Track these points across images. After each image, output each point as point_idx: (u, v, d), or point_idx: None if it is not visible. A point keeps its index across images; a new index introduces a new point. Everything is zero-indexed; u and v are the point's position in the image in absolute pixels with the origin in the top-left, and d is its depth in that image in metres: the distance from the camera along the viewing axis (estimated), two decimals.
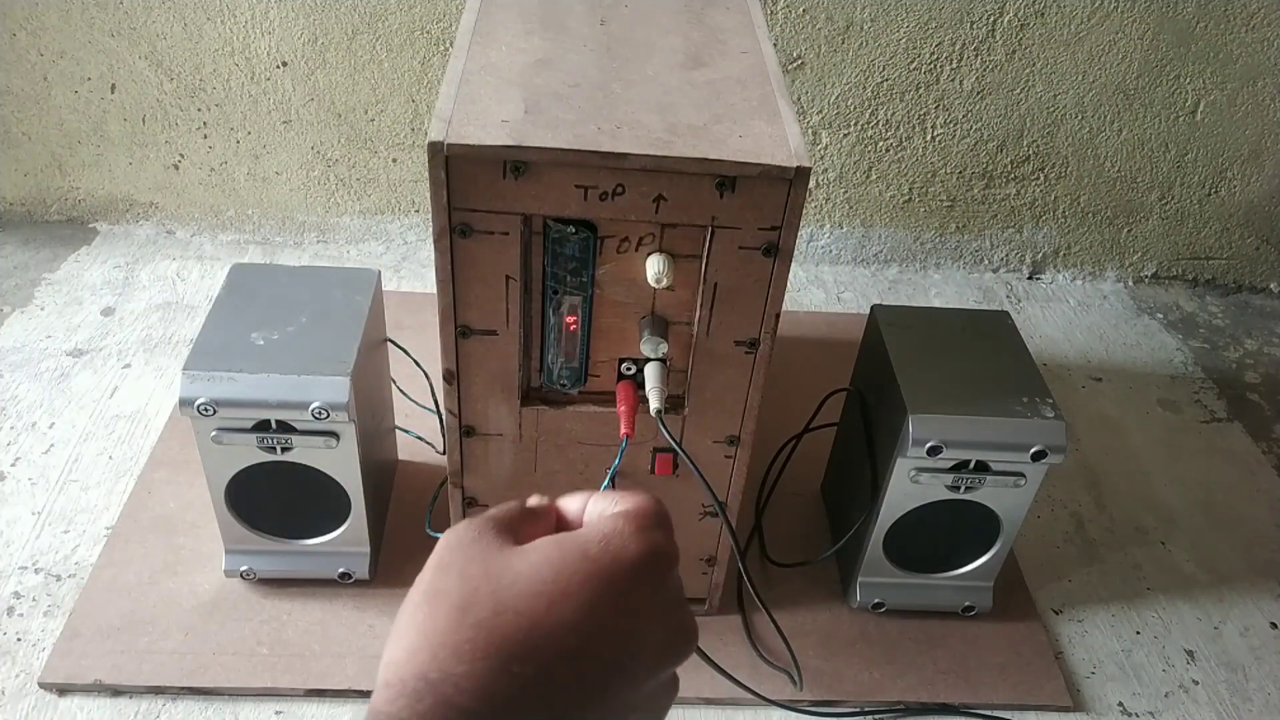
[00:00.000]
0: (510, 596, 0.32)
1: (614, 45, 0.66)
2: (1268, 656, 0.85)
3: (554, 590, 0.32)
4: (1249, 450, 1.07)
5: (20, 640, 0.76)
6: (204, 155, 1.20)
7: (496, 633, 0.31)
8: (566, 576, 0.32)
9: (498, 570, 0.33)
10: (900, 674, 0.79)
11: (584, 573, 0.33)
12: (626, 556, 0.34)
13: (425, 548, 0.36)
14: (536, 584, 0.32)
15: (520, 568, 0.33)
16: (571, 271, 0.60)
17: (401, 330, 0.85)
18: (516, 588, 0.32)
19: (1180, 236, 1.31)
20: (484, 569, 0.33)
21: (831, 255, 1.31)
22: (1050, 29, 1.13)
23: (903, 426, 0.72)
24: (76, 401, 0.99)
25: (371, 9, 1.10)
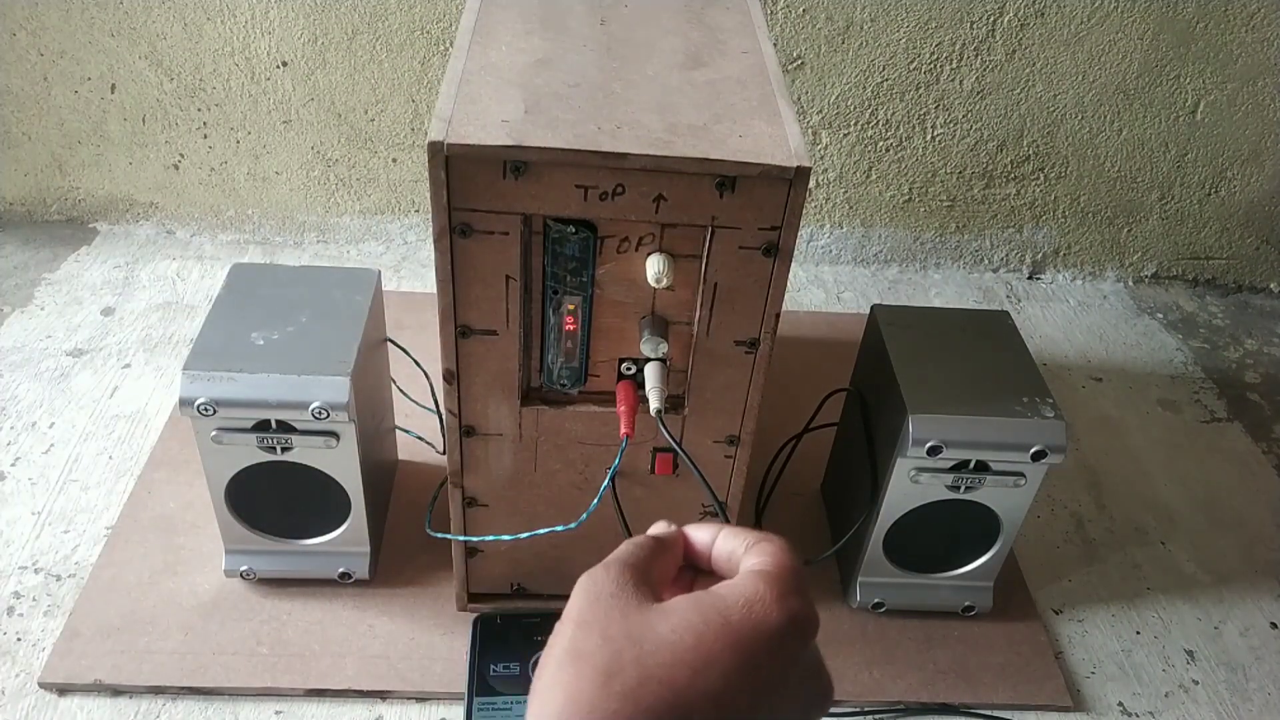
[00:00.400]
0: (653, 664, 0.32)
1: (614, 45, 0.66)
2: (1268, 656, 0.85)
3: (696, 659, 0.32)
4: (1249, 450, 1.07)
5: (20, 640, 0.76)
6: (204, 155, 1.20)
7: (642, 703, 0.31)
8: (708, 644, 0.32)
9: (639, 633, 0.33)
10: (900, 674, 0.79)
11: (725, 641, 0.33)
12: (769, 626, 0.34)
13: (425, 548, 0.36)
14: (679, 652, 0.32)
15: (662, 631, 0.33)
16: (571, 271, 0.60)
17: (401, 330, 0.85)
18: (659, 656, 0.32)
19: (1180, 236, 1.31)
20: (625, 630, 0.33)
21: (831, 255, 1.31)
22: (1050, 29, 1.13)
23: (903, 426, 0.72)
24: (76, 401, 0.99)
25: (371, 9, 1.10)
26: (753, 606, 0.34)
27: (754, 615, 0.34)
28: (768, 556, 0.36)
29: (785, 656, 0.34)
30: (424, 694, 0.75)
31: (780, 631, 0.34)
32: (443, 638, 0.78)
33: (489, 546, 0.75)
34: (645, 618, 0.34)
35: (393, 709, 0.74)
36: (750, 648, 0.33)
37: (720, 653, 0.32)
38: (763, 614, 0.34)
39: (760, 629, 0.33)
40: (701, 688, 0.32)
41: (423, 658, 0.76)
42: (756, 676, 0.33)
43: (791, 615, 0.34)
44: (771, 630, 0.34)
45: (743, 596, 0.34)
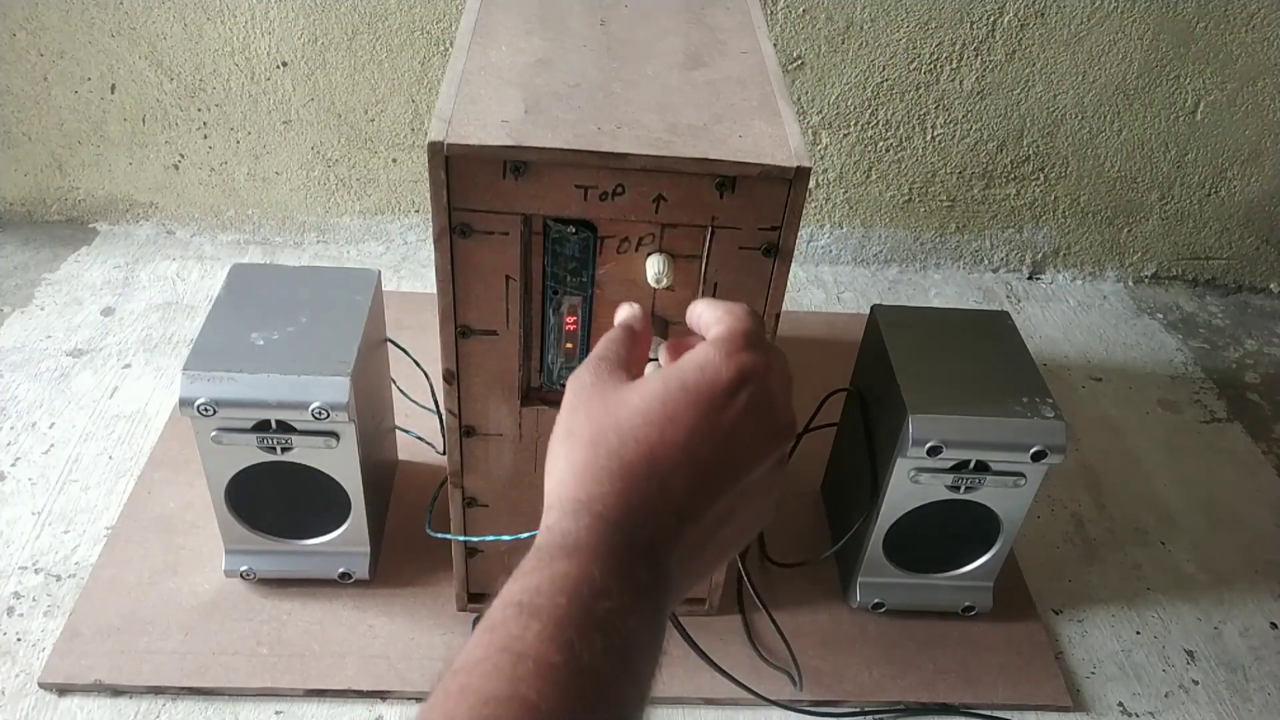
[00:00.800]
0: (628, 428, 0.40)
1: (614, 45, 0.66)
2: (1268, 656, 0.85)
3: (662, 418, 0.40)
4: (1249, 450, 1.07)
5: (20, 640, 0.76)
6: (204, 155, 1.20)
7: (625, 459, 0.39)
8: (671, 406, 0.40)
9: (615, 407, 0.41)
10: (900, 674, 0.79)
11: (685, 400, 0.40)
12: (720, 382, 0.41)
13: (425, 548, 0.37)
14: (649, 415, 0.40)
15: (634, 402, 0.41)
16: (571, 271, 0.60)
17: (401, 330, 0.85)
18: (633, 420, 0.40)
19: (1180, 236, 1.31)
20: (604, 408, 0.41)
21: (831, 255, 1.31)
22: (1050, 29, 1.13)
23: (903, 426, 0.72)
24: (76, 401, 0.99)
25: (371, 9, 1.10)
26: (704, 369, 0.41)
27: (706, 375, 0.41)
28: (723, 326, 0.44)
29: (737, 403, 0.41)
30: (424, 694, 0.74)
31: (729, 385, 0.41)
32: (443, 638, 0.78)
33: (489, 546, 0.75)
34: (620, 394, 0.41)
35: (393, 709, 0.74)
36: (706, 403, 0.40)
37: (683, 411, 0.40)
38: (714, 374, 0.41)
39: (714, 386, 0.41)
40: (670, 439, 0.39)
41: (423, 658, 0.76)
42: (716, 424, 0.40)
43: (739, 369, 0.42)
44: (723, 385, 0.41)
45: (696, 362, 0.42)
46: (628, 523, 0.37)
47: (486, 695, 0.32)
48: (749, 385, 0.42)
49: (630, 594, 0.36)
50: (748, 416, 0.41)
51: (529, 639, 0.33)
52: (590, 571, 0.35)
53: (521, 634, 0.33)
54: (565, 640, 0.33)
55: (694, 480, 0.39)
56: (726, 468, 0.40)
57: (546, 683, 0.32)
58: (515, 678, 0.32)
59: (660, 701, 0.76)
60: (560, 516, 0.38)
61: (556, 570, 0.35)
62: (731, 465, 0.41)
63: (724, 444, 0.40)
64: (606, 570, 0.36)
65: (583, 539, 0.37)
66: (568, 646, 0.33)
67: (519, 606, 0.34)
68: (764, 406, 0.42)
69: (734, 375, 0.41)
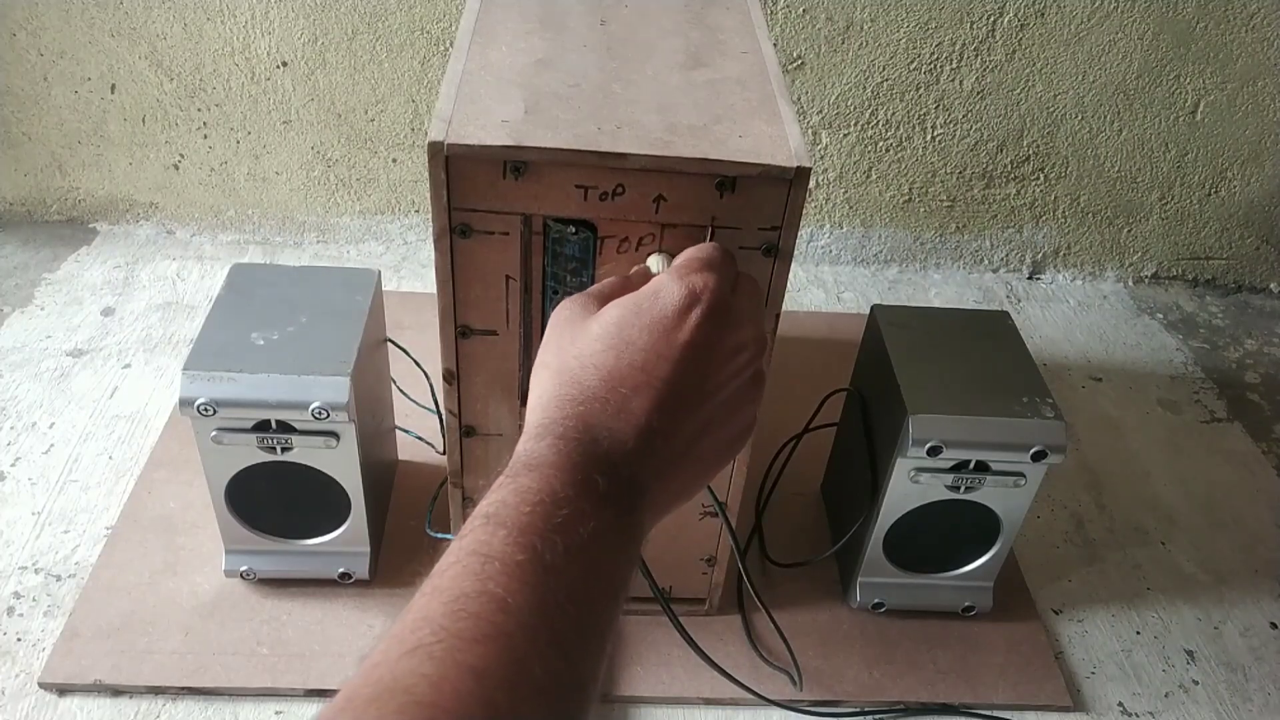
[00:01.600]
0: (588, 355, 0.43)
1: (614, 45, 0.66)
2: (1268, 656, 0.85)
3: (618, 343, 0.43)
4: (1249, 450, 1.07)
5: (20, 640, 0.76)
6: (204, 155, 1.20)
7: (585, 384, 0.42)
8: (626, 329, 0.43)
9: (578, 337, 0.44)
10: (900, 674, 0.79)
11: (639, 324, 0.43)
12: (670, 302, 0.44)
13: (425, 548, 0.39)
14: (606, 340, 0.43)
15: (594, 330, 0.44)
16: (571, 271, 0.60)
17: (401, 330, 0.85)
18: (592, 347, 0.43)
19: (1180, 236, 1.31)
20: (570, 338, 0.44)
21: (831, 255, 1.31)
22: (1050, 29, 1.13)
23: (903, 426, 0.72)
24: (76, 401, 0.99)
25: (371, 9, 1.10)
26: (658, 293, 0.44)
27: (660, 299, 0.44)
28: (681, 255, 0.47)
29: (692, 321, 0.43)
30: None
31: (682, 304, 0.44)
32: None
33: None
34: (584, 325, 0.45)
35: None
36: (659, 324, 0.43)
37: (637, 334, 0.43)
38: (666, 296, 0.44)
39: (665, 307, 0.44)
40: (627, 360, 0.42)
41: None
42: (672, 342, 0.43)
43: (690, 289, 0.44)
44: (674, 305, 0.44)
45: (651, 288, 0.45)
46: (586, 438, 0.40)
47: (457, 592, 0.34)
48: (700, 303, 0.44)
49: (590, 502, 0.38)
50: (704, 332, 0.43)
51: (495, 543, 0.36)
52: (551, 483, 0.38)
53: (489, 539, 0.36)
54: (528, 543, 0.36)
55: (656, 398, 0.42)
56: (689, 382, 0.43)
57: (512, 579, 0.35)
58: (484, 575, 0.35)
59: (660, 701, 0.76)
60: (526, 440, 0.41)
61: (520, 484, 0.38)
62: (695, 380, 0.43)
63: (683, 361, 0.43)
64: (566, 481, 0.39)
65: (545, 456, 0.40)
66: (530, 548, 0.36)
67: (486, 518, 0.37)
68: (720, 321, 0.44)
69: (684, 295, 0.44)
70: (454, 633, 0.33)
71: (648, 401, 0.42)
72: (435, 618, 0.33)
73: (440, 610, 0.33)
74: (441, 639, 0.32)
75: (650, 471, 0.41)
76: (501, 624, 0.33)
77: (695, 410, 0.43)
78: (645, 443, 0.41)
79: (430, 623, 0.33)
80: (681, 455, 0.43)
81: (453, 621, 0.33)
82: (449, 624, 0.33)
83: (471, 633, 0.33)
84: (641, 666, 0.77)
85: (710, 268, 0.46)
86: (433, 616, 0.33)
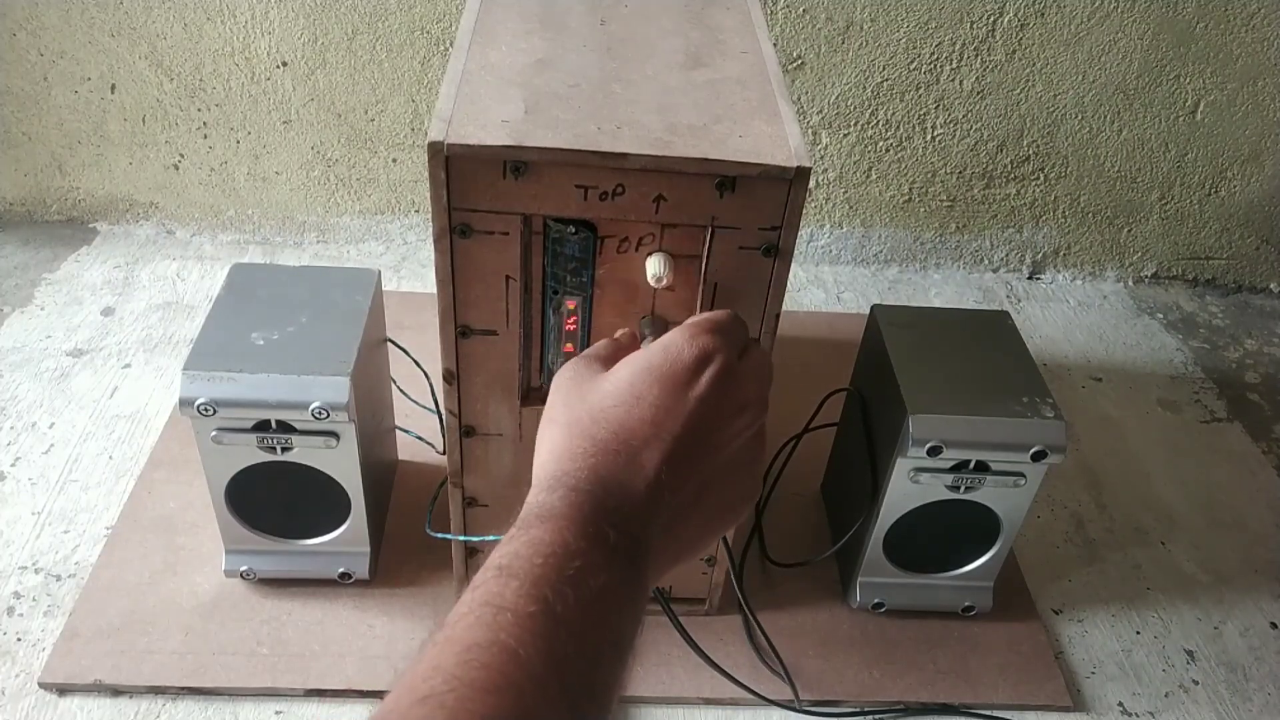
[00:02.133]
0: (599, 410, 0.44)
1: (614, 45, 0.66)
2: (1268, 656, 0.85)
3: (629, 398, 0.44)
4: (1249, 450, 1.07)
5: (20, 640, 0.76)
6: (204, 155, 1.20)
7: (597, 438, 0.43)
8: (638, 385, 0.44)
9: (589, 393, 0.45)
10: (900, 674, 0.79)
11: (650, 379, 0.44)
12: (683, 360, 0.45)
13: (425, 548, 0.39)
14: (618, 396, 0.44)
15: (606, 387, 0.45)
16: (571, 271, 0.60)
17: (401, 330, 0.85)
18: (604, 402, 0.44)
19: (1180, 236, 1.31)
20: (580, 395, 0.46)
21: (831, 255, 1.31)
22: (1050, 29, 1.13)
23: (903, 426, 0.72)
24: (76, 401, 0.99)
25: (371, 9, 1.10)
26: (669, 349, 0.45)
27: (670, 355, 0.45)
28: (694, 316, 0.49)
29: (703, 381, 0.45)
30: None
31: (693, 363, 0.45)
32: None
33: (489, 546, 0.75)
34: (594, 382, 0.46)
35: None
36: (670, 381, 0.44)
37: (648, 389, 0.44)
38: (676, 353, 0.45)
39: (676, 364, 0.45)
40: (638, 415, 0.43)
41: None
42: (682, 399, 0.44)
43: (701, 349, 0.45)
44: (686, 363, 0.45)
45: (661, 344, 0.46)
46: (599, 491, 0.41)
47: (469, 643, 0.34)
48: (712, 363, 0.45)
49: (601, 554, 0.39)
50: (713, 391, 0.45)
51: (508, 595, 0.36)
52: (564, 536, 0.39)
53: (501, 591, 0.36)
54: (540, 594, 0.36)
55: (664, 452, 0.43)
56: (696, 438, 0.44)
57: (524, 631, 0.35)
58: (496, 626, 0.35)
59: (660, 701, 0.76)
60: (538, 492, 0.42)
61: (533, 536, 0.39)
62: (702, 436, 0.44)
63: (691, 418, 0.44)
64: (578, 534, 0.39)
65: (557, 509, 0.40)
66: (542, 599, 0.36)
67: (499, 569, 0.38)
68: (728, 381, 0.45)
69: (696, 354, 0.45)
70: (466, 682, 0.33)
71: (657, 456, 0.42)
72: (447, 667, 0.34)
73: (453, 660, 0.34)
74: (454, 688, 0.33)
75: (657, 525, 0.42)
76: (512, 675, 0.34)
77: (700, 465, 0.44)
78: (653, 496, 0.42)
79: (442, 672, 0.33)
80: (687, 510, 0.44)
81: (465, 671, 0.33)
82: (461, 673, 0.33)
83: (483, 683, 0.33)
84: (641, 666, 0.77)
85: (720, 331, 0.47)
86: (445, 666, 0.34)
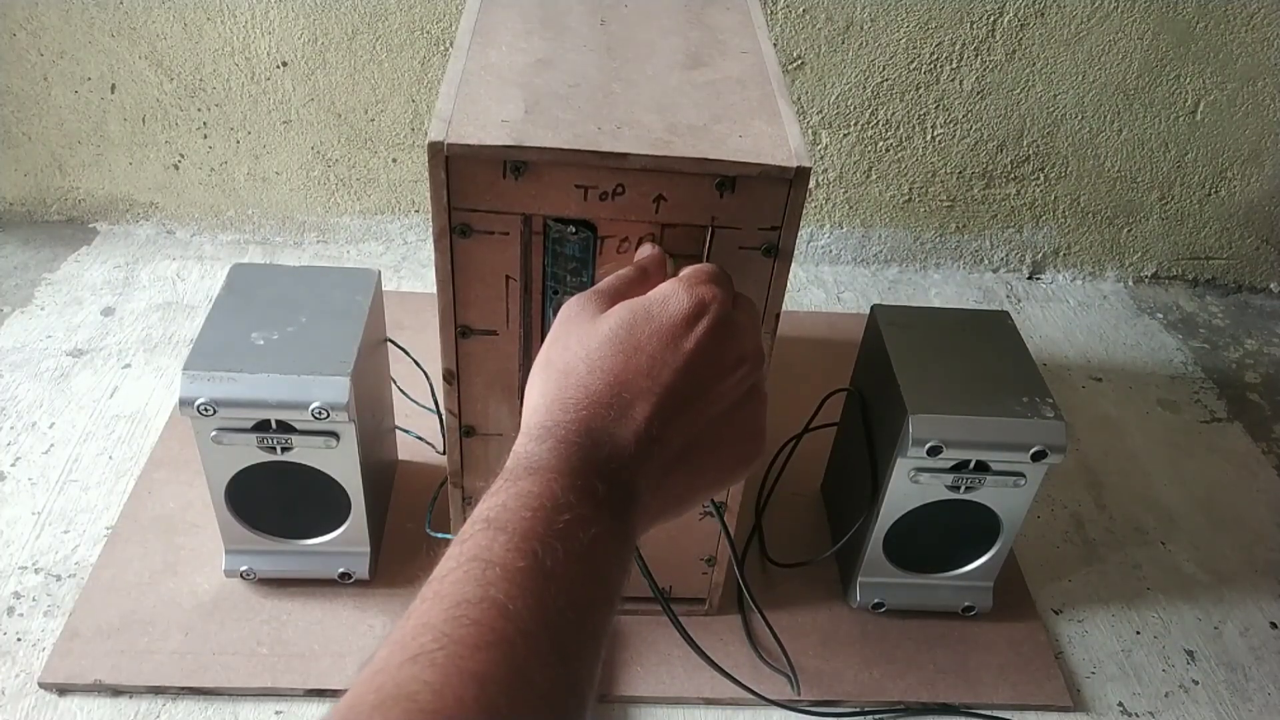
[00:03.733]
0: (597, 358, 0.43)
1: (614, 45, 0.66)
2: (1268, 656, 0.85)
3: (627, 347, 0.43)
4: (1249, 450, 1.07)
5: (20, 640, 0.76)
6: (204, 155, 1.20)
7: (590, 388, 0.42)
8: (635, 334, 0.44)
9: (587, 338, 0.44)
10: (900, 674, 0.79)
11: (648, 329, 0.44)
12: (679, 310, 0.44)
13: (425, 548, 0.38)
14: (615, 344, 0.43)
15: (604, 331, 0.44)
16: (571, 271, 0.60)
17: (401, 330, 0.85)
18: (601, 350, 0.43)
19: (1180, 236, 1.31)
20: (579, 339, 0.44)
21: (831, 255, 1.31)
22: (1050, 29, 1.13)
23: (903, 426, 0.72)
24: (76, 401, 0.99)
25: (371, 9, 1.10)
26: (668, 300, 0.45)
27: (669, 306, 0.45)
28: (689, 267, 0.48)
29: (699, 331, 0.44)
30: None
31: (690, 313, 0.44)
32: None
33: None
34: (594, 325, 0.45)
35: None
36: (668, 331, 0.44)
37: (646, 340, 0.43)
38: (675, 305, 0.45)
39: (675, 315, 0.44)
40: (634, 367, 0.43)
41: None
42: (678, 350, 0.43)
43: (699, 299, 0.45)
44: (683, 313, 0.44)
45: (661, 294, 0.45)
46: (588, 443, 0.41)
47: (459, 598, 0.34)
48: (708, 313, 0.45)
49: (590, 505, 0.39)
50: (709, 342, 0.44)
51: (496, 549, 0.36)
52: (552, 488, 0.38)
53: (489, 544, 0.36)
54: (529, 549, 0.36)
55: (657, 404, 0.42)
56: (690, 390, 0.43)
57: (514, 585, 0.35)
58: (485, 581, 0.35)
59: (660, 701, 0.76)
60: (527, 441, 0.41)
61: (521, 488, 0.38)
62: (695, 388, 0.43)
63: (686, 369, 0.43)
64: (566, 486, 0.39)
65: (546, 460, 0.40)
66: (531, 554, 0.36)
67: (487, 522, 0.37)
68: (724, 332, 0.45)
69: (694, 304, 0.45)
70: (455, 639, 0.33)
71: (649, 408, 0.42)
72: (436, 624, 0.33)
73: (441, 616, 0.33)
74: (443, 645, 0.32)
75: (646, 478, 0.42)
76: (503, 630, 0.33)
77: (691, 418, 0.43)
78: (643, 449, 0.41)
79: (431, 629, 0.33)
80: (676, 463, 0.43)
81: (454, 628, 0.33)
82: (450, 630, 0.33)
83: (473, 639, 0.33)
84: (641, 666, 0.77)
85: (716, 281, 0.47)
86: (434, 623, 0.33)
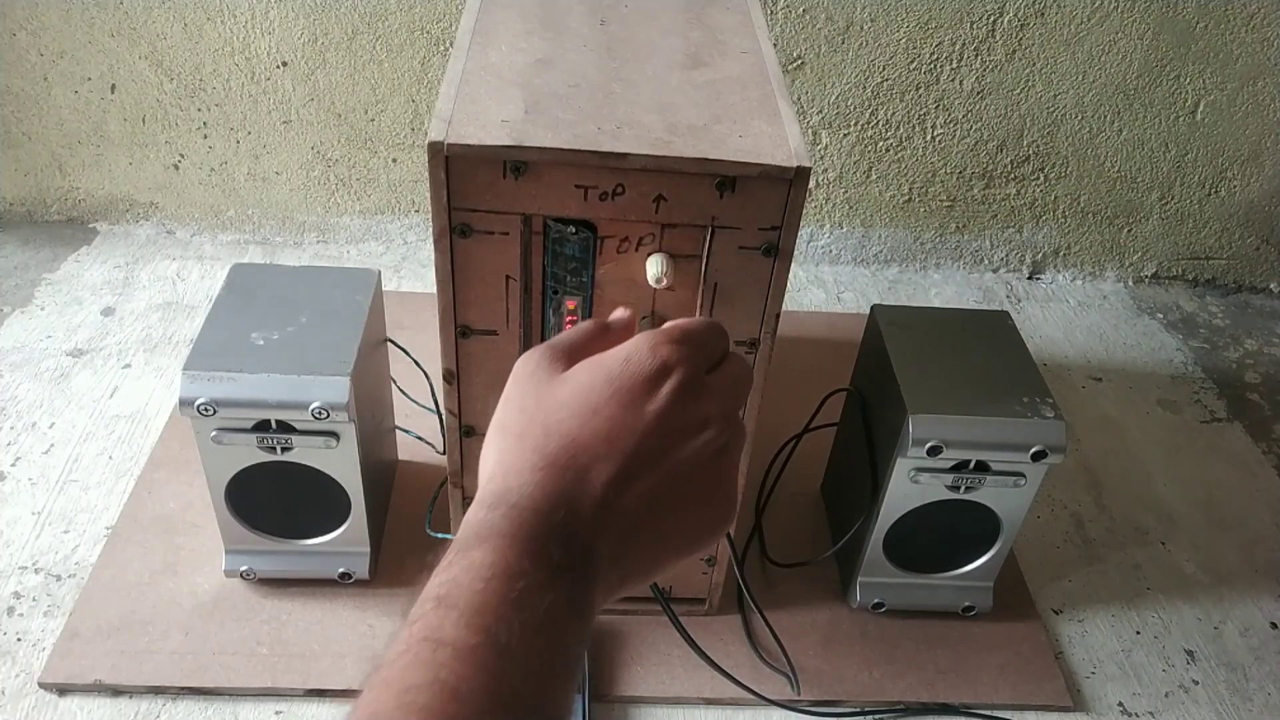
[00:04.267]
0: (554, 422, 0.41)
1: (614, 45, 0.66)
2: (1268, 656, 0.85)
3: (585, 410, 0.41)
4: (1249, 450, 1.07)
5: (20, 640, 0.76)
6: (204, 155, 1.20)
7: (547, 453, 0.40)
8: (595, 397, 0.41)
9: (545, 400, 0.42)
10: (900, 674, 0.79)
11: (607, 391, 0.41)
12: (643, 372, 0.41)
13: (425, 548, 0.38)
14: (573, 408, 0.41)
15: (562, 395, 0.41)
16: (571, 271, 0.60)
17: (401, 330, 0.85)
18: (559, 414, 0.41)
19: (1180, 236, 1.31)
20: (536, 400, 0.42)
21: (831, 255, 1.31)
22: (1050, 29, 1.13)
23: (903, 426, 0.72)
24: (76, 401, 0.99)
25: (371, 9, 1.10)
26: (630, 360, 0.42)
27: (630, 366, 0.42)
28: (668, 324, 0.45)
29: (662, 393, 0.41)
30: None
31: (651, 376, 0.41)
32: None
33: None
34: (551, 387, 0.42)
35: None
36: (628, 393, 0.41)
37: (605, 402, 0.41)
38: (637, 364, 0.42)
39: (635, 376, 0.41)
40: (591, 430, 0.40)
41: None
42: (639, 413, 0.41)
43: (663, 360, 0.42)
44: (646, 375, 0.41)
45: (624, 353, 0.42)
46: (544, 508, 0.38)
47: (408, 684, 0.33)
48: (671, 376, 0.42)
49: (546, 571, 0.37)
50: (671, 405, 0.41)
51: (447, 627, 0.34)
52: (505, 555, 0.36)
53: (440, 623, 0.34)
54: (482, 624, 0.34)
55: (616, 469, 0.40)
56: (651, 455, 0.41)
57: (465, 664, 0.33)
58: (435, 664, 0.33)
59: (660, 701, 0.76)
60: (479, 509, 0.39)
61: (472, 559, 0.36)
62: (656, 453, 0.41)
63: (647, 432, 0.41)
64: (520, 552, 0.37)
65: (498, 526, 0.37)
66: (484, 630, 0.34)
67: (437, 600, 0.35)
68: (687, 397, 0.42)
69: (657, 366, 0.42)
70: None
71: (607, 473, 0.40)
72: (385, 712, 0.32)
73: (391, 703, 0.32)
74: None
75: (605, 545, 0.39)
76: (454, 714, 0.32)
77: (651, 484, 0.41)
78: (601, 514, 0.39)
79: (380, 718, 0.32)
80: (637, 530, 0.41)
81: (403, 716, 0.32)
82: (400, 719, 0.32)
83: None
84: (641, 666, 0.77)
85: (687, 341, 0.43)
86: (383, 711, 0.32)
